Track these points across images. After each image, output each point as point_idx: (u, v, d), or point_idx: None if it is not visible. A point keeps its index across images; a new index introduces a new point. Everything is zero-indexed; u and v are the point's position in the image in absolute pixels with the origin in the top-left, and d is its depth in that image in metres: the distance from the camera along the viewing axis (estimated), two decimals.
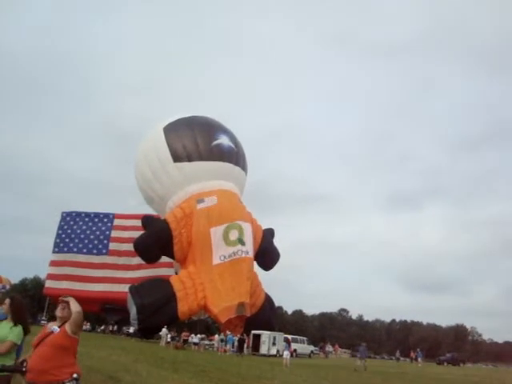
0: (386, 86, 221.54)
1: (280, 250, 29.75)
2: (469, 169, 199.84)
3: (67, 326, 4.46)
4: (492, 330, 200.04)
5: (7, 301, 5.25)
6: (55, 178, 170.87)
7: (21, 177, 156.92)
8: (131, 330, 40.21)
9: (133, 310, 14.73)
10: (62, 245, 35.66)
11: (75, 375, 4.40)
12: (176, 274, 26.25)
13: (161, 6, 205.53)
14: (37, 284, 73.96)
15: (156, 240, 16.03)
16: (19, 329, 5.14)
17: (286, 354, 25.02)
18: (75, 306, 4.56)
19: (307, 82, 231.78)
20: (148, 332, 27.75)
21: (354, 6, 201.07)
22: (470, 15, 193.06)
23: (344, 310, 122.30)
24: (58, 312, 4.52)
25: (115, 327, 50.13)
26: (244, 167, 20.62)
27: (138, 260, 34.42)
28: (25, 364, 4.30)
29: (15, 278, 77.02)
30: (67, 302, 4.56)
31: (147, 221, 15.59)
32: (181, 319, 12.12)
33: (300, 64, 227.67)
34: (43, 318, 53.22)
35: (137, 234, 27.25)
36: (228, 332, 28.68)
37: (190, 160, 18.15)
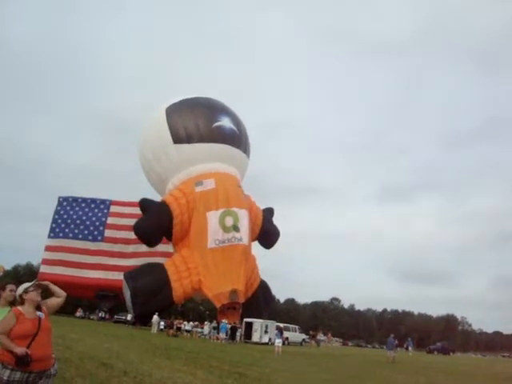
0: (382, 83, 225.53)
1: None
2: (461, 163, 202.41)
3: (47, 310, 4.52)
4: (482, 321, 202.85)
5: (12, 286, 5.24)
6: (51, 167, 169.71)
7: (16, 165, 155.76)
8: (129, 317, 40.40)
9: (127, 295, 14.67)
10: (57, 230, 35.34)
11: (53, 355, 4.46)
12: None
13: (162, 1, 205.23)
14: (29, 270, 73.91)
15: (157, 223, 16.02)
16: None
17: (278, 341, 25.22)
18: (61, 291, 4.63)
19: (306, 78, 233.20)
20: (144, 317, 27.70)
21: (353, 5, 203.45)
22: (464, 13, 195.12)
23: (336, 299, 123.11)
24: (37, 297, 4.45)
25: (107, 314, 50.30)
26: (246, 150, 20.43)
27: (133, 248, 34.47)
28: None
29: (8, 265, 76.91)
30: (40, 287, 4.57)
31: (146, 203, 15.47)
32: (176, 302, 12.18)
33: (299, 60, 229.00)
34: None
35: (133, 221, 27.09)
36: (223, 320, 28.78)
37: (189, 142, 18.05)
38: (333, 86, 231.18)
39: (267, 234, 17.37)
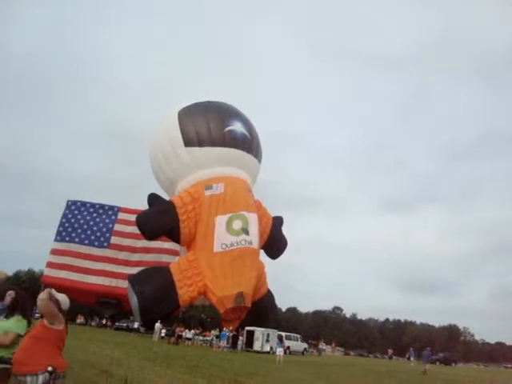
0: (382, 97, 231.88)
1: None
2: (460, 176, 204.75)
3: (44, 318, 4.50)
4: (484, 331, 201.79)
5: (11, 293, 5.23)
6: (56, 175, 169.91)
7: (21, 173, 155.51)
8: (136, 325, 40.36)
9: (134, 300, 14.50)
10: (64, 234, 34.91)
11: (50, 368, 4.25)
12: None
13: (165, 10, 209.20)
14: (31, 277, 73.93)
15: (160, 219, 15.97)
16: (23, 320, 5.13)
17: (280, 350, 25.06)
18: (40, 295, 4.51)
19: (308, 90, 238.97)
20: (150, 323, 27.66)
21: (354, 19, 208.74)
22: (464, 28, 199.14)
23: (338, 308, 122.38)
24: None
25: (108, 321, 50.20)
26: (257, 155, 20.38)
27: (138, 256, 34.42)
28: None
29: (9, 271, 76.93)
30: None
31: (153, 198, 15.40)
32: (182, 307, 12.10)
33: (302, 73, 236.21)
34: (37, 311, 53.26)
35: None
36: (225, 329, 28.61)
37: (200, 145, 18.06)
38: (334, 98, 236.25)
39: (274, 243, 17.26)
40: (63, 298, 4.63)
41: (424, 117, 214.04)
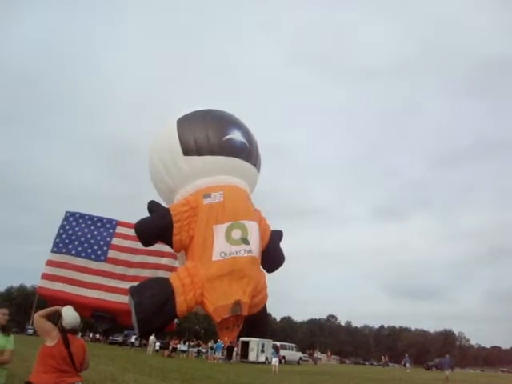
0: (373, 106, 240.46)
1: None
2: (450, 183, 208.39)
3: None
4: (480, 336, 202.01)
5: (4, 310, 5.17)
6: (50, 188, 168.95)
7: (14, 187, 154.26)
8: (132, 338, 40.09)
9: (133, 311, 14.41)
10: (61, 245, 34.24)
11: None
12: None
13: (160, 27, 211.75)
14: (23, 292, 73.22)
15: (155, 224, 16.05)
16: (12, 337, 5.12)
17: (275, 360, 24.98)
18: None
19: (300, 103, 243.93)
20: (149, 334, 27.53)
21: (343, 31, 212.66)
22: (453, 38, 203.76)
23: (333, 316, 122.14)
24: None
25: (101, 336, 49.68)
26: (256, 164, 20.41)
27: (134, 272, 34.12)
28: None
29: (0, 287, 76.23)
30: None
31: (153, 205, 15.45)
32: (179, 317, 11.95)
33: (295, 86, 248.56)
34: (29, 326, 52.54)
35: (136, 244, 26.52)
36: (219, 340, 28.43)
37: (199, 154, 18.07)
38: (325, 110, 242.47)
39: (270, 257, 17.26)
40: (67, 316, 4.56)
41: (413, 126, 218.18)
